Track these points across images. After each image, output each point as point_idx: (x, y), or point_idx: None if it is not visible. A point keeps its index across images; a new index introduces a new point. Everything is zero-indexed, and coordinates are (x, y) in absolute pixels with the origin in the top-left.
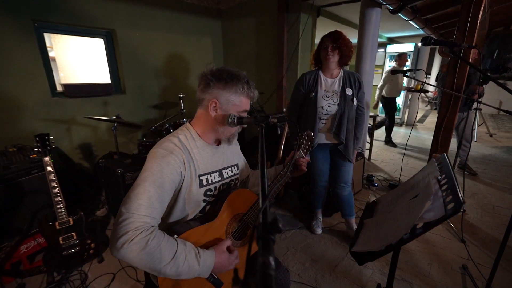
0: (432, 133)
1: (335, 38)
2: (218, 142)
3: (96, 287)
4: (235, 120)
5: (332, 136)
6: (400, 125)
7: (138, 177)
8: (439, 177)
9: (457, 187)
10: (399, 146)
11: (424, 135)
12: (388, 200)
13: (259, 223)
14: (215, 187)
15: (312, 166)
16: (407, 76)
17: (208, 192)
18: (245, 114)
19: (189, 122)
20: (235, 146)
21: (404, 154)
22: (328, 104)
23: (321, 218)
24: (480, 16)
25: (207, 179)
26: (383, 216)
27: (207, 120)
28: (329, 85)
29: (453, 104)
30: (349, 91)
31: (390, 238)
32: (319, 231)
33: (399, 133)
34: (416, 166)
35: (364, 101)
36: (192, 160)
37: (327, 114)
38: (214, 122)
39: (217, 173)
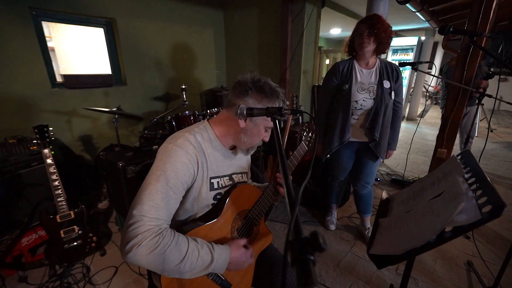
0: (433, 127)
1: (372, 23)
2: (233, 147)
3: (98, 280)
4: (245, 112)
5: (362, 134)
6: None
7: (149, 175)
8: (465, 175)
9: (493, 187)
10: (402, 142)
11: (425, 130)
12: (403, 198)
13: (293, 240)
14: (224, 191)
15: (335, 161)
16: (414, 69)
17: (218, 196)
18: (269, 132)
19: (208, 121)
20: (248, 155)
21: (410, 149)
22: (363, 98)
23: (336, 214)
24: (494, 5)
25: (218, 182)
26: (400, 216)
27: (232, 126)
28: (365, 76)
29: (461, 98)
30: (386, 84)
31: (413, 241)
32: (332, 227)
33: (401, 128)
34: (418, 161)
35: (402, 95)
36: (206, 161)
37: (361, 109)
38: (239, 130)
39: (228, 177)
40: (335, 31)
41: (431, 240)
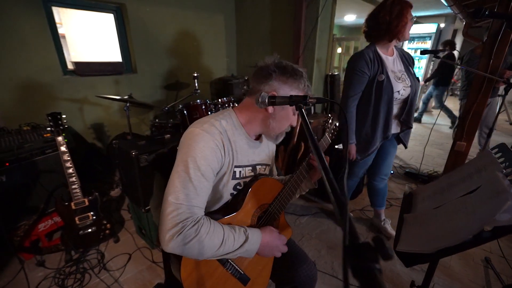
0: (449, 119)
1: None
2: (258, 137)
3: (113, 266)
4: (266, 100)
5: (395, 125)
6: (416, 110)
7: (179, 161)
8: (504, 170)
9: None
10: (416, 134)
11: (440, 122)
12: (428, 193)
13: (350, 245)
14: (244, 182)
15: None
16: (437, 57)
17: (238, 187)
18: (296, 115)
19: (233, 108)
20: (273, 147)
21: (427, 142)
22: (403, 87)
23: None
24: None
25: (240, 172)
26: (427, 212)
27: (258, 112)
28: (391, 64)
29: (485, 89)
30: (412, 70)
31: (446, 239)
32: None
33: (414, 120)
34: (433, 154)
35: None
36: (232, 148)
37: (398, 99)
38: (267, 116)
39: (250, 168)
40: (350, 18)
41: (467, 239)
